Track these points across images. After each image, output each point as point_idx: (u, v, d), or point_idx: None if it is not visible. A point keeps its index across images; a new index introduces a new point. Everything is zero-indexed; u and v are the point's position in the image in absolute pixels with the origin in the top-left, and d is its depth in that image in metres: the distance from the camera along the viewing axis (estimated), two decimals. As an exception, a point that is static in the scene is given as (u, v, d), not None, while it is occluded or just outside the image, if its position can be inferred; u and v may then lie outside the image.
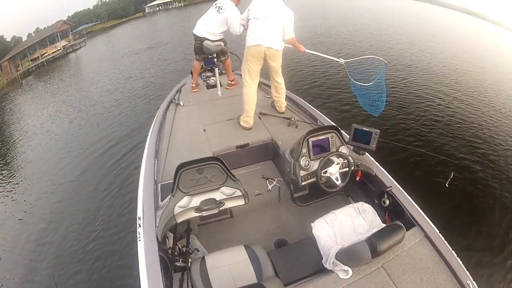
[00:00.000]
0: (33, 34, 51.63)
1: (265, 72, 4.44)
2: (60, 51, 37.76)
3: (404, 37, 17.33)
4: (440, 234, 2.55)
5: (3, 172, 9.29)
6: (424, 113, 8.06)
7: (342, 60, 4.61)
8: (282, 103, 4.58)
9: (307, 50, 4.56)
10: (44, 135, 11.13)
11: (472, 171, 5.78)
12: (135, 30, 42.80)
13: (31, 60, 36.33)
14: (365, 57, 4.77)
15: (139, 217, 2.88)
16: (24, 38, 49.97)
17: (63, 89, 18.73)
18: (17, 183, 8.21)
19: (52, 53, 37.44)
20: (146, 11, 72.65)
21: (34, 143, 10.77)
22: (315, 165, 3.12)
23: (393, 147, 5.44)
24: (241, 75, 4.49)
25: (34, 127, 12.55)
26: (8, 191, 7.87)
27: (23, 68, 35.10)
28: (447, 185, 3.67)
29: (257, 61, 4.12)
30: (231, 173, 2.70)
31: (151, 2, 73.71)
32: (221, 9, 4.77)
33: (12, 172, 9.16)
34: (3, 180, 8.64)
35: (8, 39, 49.71)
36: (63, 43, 40.17)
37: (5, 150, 11.58)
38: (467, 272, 2.30)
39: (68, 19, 60.31)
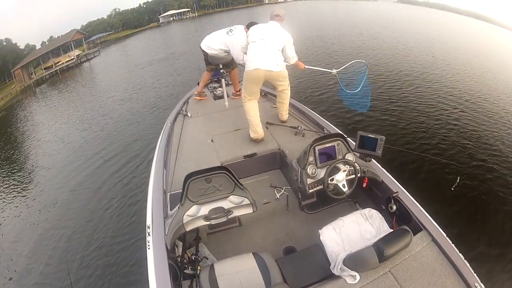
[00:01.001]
0: (47, 43, 53.06)
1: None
2: (74, 60, 38.57)
3: (415, 44, 17.39)
4: (447, 238, 2.56)
5: (17, 177, 9.63)
6: (429, 119, 8.11)
7: (334, 71, 4.97)
8: (283, 111, 4.64)
9: (306, 67, 4.81)
10: (58, 142, 11.49)
11: (480, 176, 5.77)
12: (149, 40, 43.62)
13: (45, 69, 37.21)
14: (350, 63, 5.06)
15: (148, 226, 2.94)
16: (38, 46, 51.40)
17: (76, 98, 19.24)
18: (30, 189, 8.53)
19: (66, 62, 38.24)
20: (160, 21, 74.16)
21: (47, 150, 11.09)
22: (322, 173, 3.17)
23: (399, 153, 5.53)
24: None
25: (48, 135, 12.94)
26: (22, 195, 8.20)
27: (36, 76, 35.98)
28: (452, 188, 3.66)
29: (257, 85, 4.23)
30: (239, 182, 2.75)
31: (165, 12, 75.15)
32: (231, 31, 4.94)
33: (26, 179, 9.45)
34: (18, 185, 8.96)
35: (22, 47, 51.17)
36: (76, 52, 41.05)
37: (20, 156, 12.01)
38: (475, 275, 2.31)
39: (82, 28, 61.70)
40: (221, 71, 5.32)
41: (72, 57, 38.98)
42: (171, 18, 75.29)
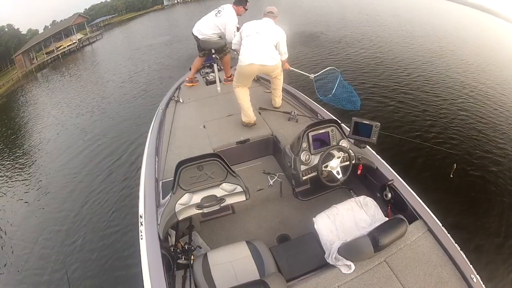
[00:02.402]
0: (49, 27, 53.08)
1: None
2: (76, 44, 38.67)
3: (419, 33, 17.17)
4: (443, 228, 2.57)
5: (15, 163, 9.73)
6: (426, 107, 8.12)
7: (312, 75, 5.42)
8: (277, 98, 4.65)
9: (290, 68, 5.05)
10: (58, 126, 11.65)
11: (478, 165, 5.80)
12: (153, 23, 43.47)
13: (46, 53, 37.32)
14: (325, 69, 5.48)
15: (140, 216, 2.94)
16: (41, 31, 51.49)
17: (77, 81, 19.36)
18: (28, 173, 8.70)
19: (68, 46, 38.28)
20: (165, 4, 73.56)
21: (47, 136, 11.22)
22: (315, 160, 3.17)
23: (394, 140, 5.60)
24: None
25: (48, 119, 13.12)
26: (18, 180, 8.36)
27: (38, 61, 36.13)
28: (451, 175, 3.63)
29: (249, 79, 4.27)
30: (231, 169, 2.76)
31: (169, -6, 74.48)
32: (220, 13, 4.93)
33: (23, 164, 9.54)
34: (14, 169, 9.17)
35: (24, 32, 51.20)
36: (78, 36, 41.05)
37: (19, 141, 12.17)
38: (471, 266, 2.33)
39: (85, 12, 61.97)
40: (213, 56, 5.29)
41: (74, 41, 39.06)
42: (176, 1, 74.66)
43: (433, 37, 16.27)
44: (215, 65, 5.41)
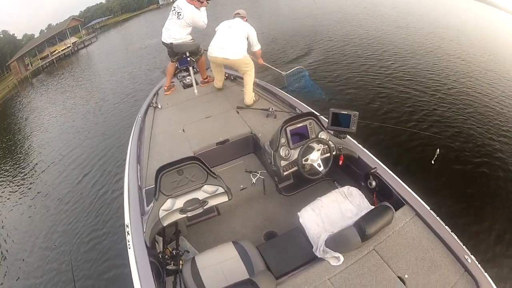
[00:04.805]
0: (45, 31, 53.11)
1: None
2: (70, 47, 38.51)
3: (404, 21, 17.05)
4: (431, 211, 2.59)
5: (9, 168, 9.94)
6: (404, 92, 8.15)
7: (284, 73, 6.78)
8: (245, 95, 4.75)
9: (264, 63, 5.63)
10: (53, 133, 11.84)
11: (458, 146, 5.86)
12: (149, 23, 43.33)
13: (41, 59, 37.21)
14: (294, 68, 7.14)
15: (127, 225, 2.96)
16: (37, 35, 51.45)
17: (71, 86, 19.44)
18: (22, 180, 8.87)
19: (62, 50, 38.20)
20: (160, 3, 73.13)
21: (42, 141, 11.46)
22: (295, 154, 3.20)
23: (375, 128, 5.65)
24: None
25: (43, 125, 13.29)
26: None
27: (33, 67, 36.03)
28: (433, 161, 3.66)
29: (217, 67, 5.05)
30: (211, 171, 2.80)
31: (164, -6, 74.18)
32: (180, 14, 4.95)
33: (18, 170, 9.72)
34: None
35: (20, 38, 51.30)
36: (73, 39, 40.93)
37: (14, 148, 12.36)
38: (464, 247, 2.35)
39: (81, 14, 61.98)
40: (188, 59, 5.40)
41: (68, 45, 38.88)
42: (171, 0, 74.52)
43: (418, 23, 16.30)
44: (191, 68, 5.45)
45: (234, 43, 4.57)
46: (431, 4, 22.65)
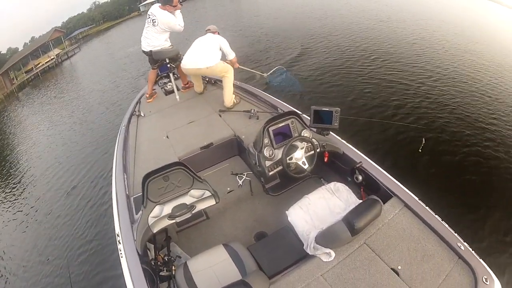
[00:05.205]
0: (29, 44, 52.57)
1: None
2: (54, 59, 38.36)
3: (386, 13, 16.89)
4: (420, 202, 2.61)
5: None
6: (389, 86, 8.03)
7: (265, 74, 7.75)
8: (224, 98, 4.83)
9: (240, 66, 5.87)
10: (40, 146, 11.83)
11: (447, 136, 5.79)
12: (130, 30, 43.12)
13: (25, 72, 36.96)
14: (275, 68, 8.33)
15: (117, 234, 2.96)
16: (21, 49, 50.90)
17: (56, 97, 19.54)
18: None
19: (46, 62, 38.02)
20: (141, 10, 72.83)
21: (31, 154, 11.44)
22: (279, 154, 3.22)
23: (362, 123, 5.67)
24: None
25: (30, 139, 13.30)
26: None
27: (18, 81, 35.70)
28: (420, 150, 3.68)
29: (194, 76, 5.31)
30: (196, 175, 2.81)
31: (145, 1, 73.77)
32: (155, 21, 4.99)
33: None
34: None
35: (4, 52, 50.72)
36: (56, 51, 40.69)
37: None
38: (456, 235, 2.35)
39: (63, 25, 61.78)
40: (168, 65, 5.44)
41: (52, 57, 38.72)
42: (151, 6, 73.78)
43: (401, 15, 16.29)
44: (171, 74, 5.51)
45: (204, 53, 4.74)
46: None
